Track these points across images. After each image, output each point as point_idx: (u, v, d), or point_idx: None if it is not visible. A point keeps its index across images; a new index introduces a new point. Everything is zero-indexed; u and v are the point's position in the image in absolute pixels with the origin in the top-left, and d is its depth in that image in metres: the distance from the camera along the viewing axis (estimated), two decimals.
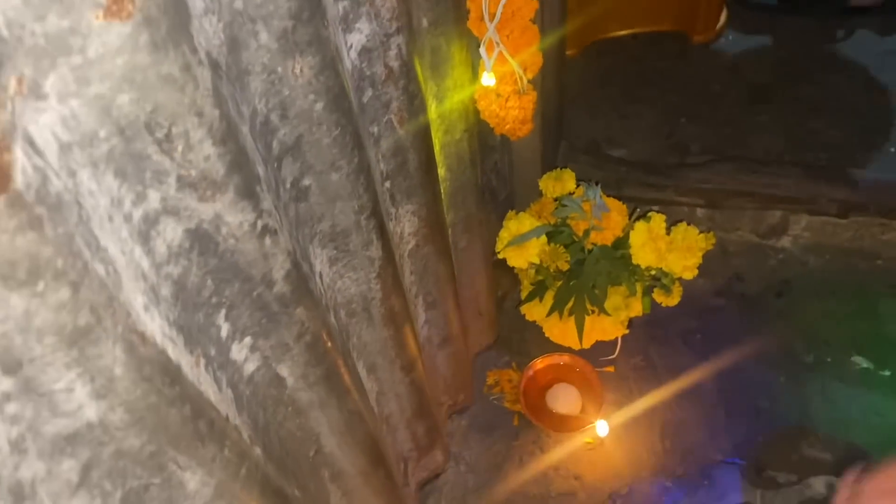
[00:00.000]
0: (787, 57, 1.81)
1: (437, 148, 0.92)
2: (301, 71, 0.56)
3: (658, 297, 1.26)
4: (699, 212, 1.56)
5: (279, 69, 0.55)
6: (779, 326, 1.51)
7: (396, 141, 0.77)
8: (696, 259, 1.20)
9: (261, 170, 0.56)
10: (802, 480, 1.34)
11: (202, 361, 0.54)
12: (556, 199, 1.28)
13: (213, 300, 0.55)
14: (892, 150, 1.59)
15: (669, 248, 1.20)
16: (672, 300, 1.26)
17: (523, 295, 1.35)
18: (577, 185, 1.30)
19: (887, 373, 1.45)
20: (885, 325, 1.50)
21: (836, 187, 1.45)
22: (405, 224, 0.87)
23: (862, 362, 1.46)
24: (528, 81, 0.96)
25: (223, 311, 0.56)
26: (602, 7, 1.73)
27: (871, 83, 1.71)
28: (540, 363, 1.39)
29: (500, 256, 1.24)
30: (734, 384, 1.44)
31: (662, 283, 1.24)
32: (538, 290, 1.31)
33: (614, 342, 1.42)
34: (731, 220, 1.56)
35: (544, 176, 1.27)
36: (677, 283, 1.26)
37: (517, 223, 1.23)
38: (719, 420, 1.41)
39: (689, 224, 1.23)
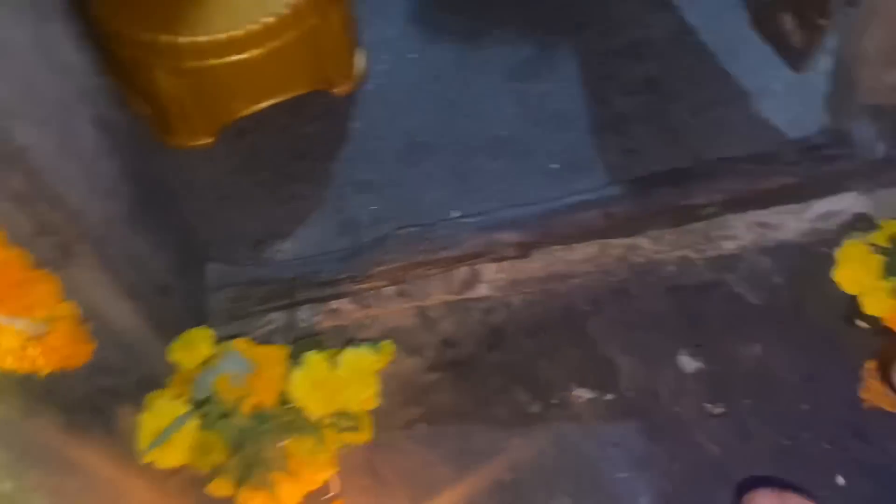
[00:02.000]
0: (436, 89, 1.72)
1: None
2: None
3: (349, 438, 1.09)
4: (386, 291, 1.42)
5: None
6: (499, 381, 1.43)
7: None
8: (371, 388, 1.05)
9: None
10: None
11: None
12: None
13: None
14: (552, 166, 1.56)
15: (340, 386, 1.03)
16: (363, 437, 1.10)
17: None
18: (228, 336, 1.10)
19: (610, 396, 1.41)
20: (596, 346, 1.47)
21: (507, 231, 1.37)
22: None
23: (585, 394, 1.42)
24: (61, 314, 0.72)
25: None
26: (224, 88, 1.52)
27: (515, 102, 1.68)
28: None
29: (147, 462, 1.00)
30: (470, 464, 1.33)
31: (345, 424, 1.07)
32: (217, 470, 1.09)
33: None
34: (421, 288, 1.44)
35: (171, 346, 1.05)
36: (366, 415, 1.10)
37: (154, 417, 1.00)
38: None
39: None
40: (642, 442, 1.36)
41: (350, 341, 1.18)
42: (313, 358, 1.03)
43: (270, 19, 1.45)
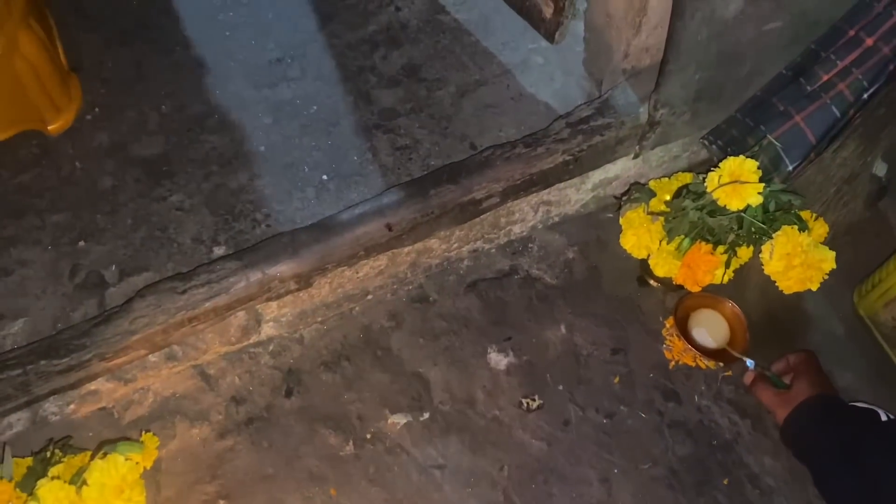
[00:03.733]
0: (172, 108, 1.49)
1: None
2: None
3: None
4: (152, 358, 1.21)
5: None
6: (304, 429, 1.28)
7: None
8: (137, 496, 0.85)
9: None
10: None
11: None
12: None
13: None
14: (322, 177, 1.41)
15: None
16: None
17: None
18: None
19: (426, 416, 1.31)
20: (404, 363, 1.36)
21: (281, 264, 1.21)
22: None
23: (400, 419, 1.31)
24: None
25: None
26: None
27: (268, 111, 1.49)
28: None
29: None
30: None
31: None
32: None
33: None
34: (192, 346, 1.24)
35: None
36: None
37: None
38: None
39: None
40: (467, 456, 1.28)
41: (101, 445, 0.97)
42: (47, 489, 0.81)
43: None
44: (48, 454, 0.96)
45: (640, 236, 1.35)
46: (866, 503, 1.03)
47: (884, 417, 1.01)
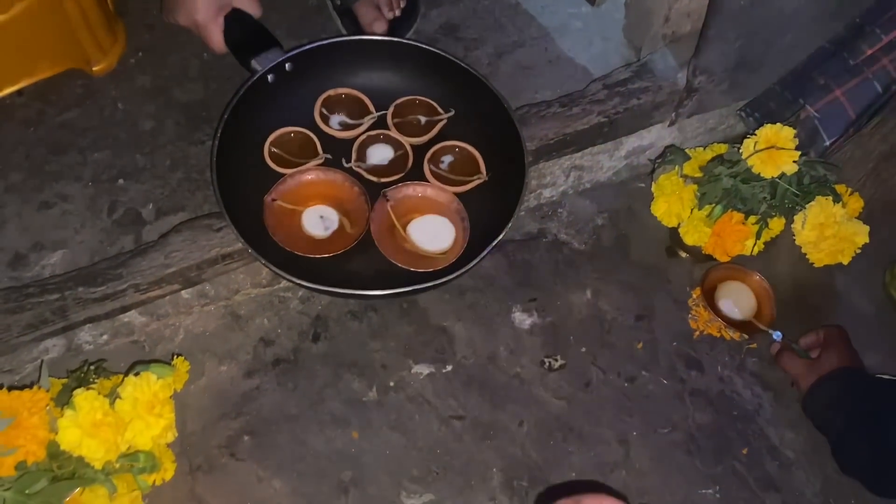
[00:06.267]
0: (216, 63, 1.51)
1: None
2: None
3: (148, 480, 0.92)
4: (185, 294, 1.24)
5: None
6: (329, 373, 1.30)
7: None
8: (164, 419, 0.88)
9: None
10: None
11: None
12: None
13: None
14: None
15: (122, 425, 0.86)
16: (165, 474, 0.93)
17: None
18: None
19: (449, 368, 1.33)
20: (429, 316, 1.37)
21: None
22: None
23: (423, 370, 1.32)
24: None
25: None
26: None
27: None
28: None
29: None
30: (308, 471, 1.20)
31: (141, 465, 0.90)
32: None
33: None
34: (223, 285, 1.27)
35: None
36: (165, 450, 0.93)
37: None
38: None
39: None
40: (487, 410, 1.29)
41: (134, 365, 1.00)
42: (83, 397, 0.84)
43: None
44: (82, 374, 0.99)
45: (671, 204, 1.35)
46: (885, 471, 1.03)
47: None
